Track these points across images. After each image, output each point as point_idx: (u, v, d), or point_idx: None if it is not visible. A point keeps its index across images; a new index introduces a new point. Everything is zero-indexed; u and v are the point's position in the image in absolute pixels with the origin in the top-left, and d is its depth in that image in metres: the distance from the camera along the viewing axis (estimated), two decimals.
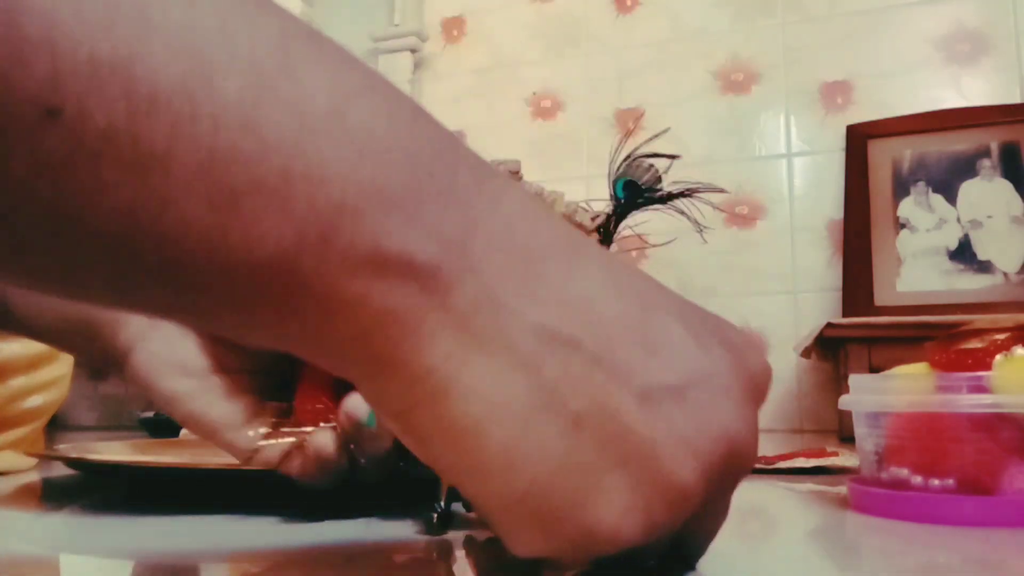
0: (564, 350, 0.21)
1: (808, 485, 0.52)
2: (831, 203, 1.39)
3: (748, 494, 0.50)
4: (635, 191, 1.28)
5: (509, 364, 0.20)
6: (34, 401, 0.63)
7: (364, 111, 0.19)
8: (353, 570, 0.28)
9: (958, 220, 1.28)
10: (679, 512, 0.22)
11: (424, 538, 0.33)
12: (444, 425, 0.20)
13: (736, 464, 0.23)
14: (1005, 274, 1.23)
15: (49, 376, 0.65)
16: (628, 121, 1.51)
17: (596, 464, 0.21)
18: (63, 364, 0.67)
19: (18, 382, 0.62)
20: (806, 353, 1.19)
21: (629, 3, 1.58)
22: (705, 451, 0.22)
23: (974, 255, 1.26)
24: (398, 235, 0.19)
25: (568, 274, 0.22)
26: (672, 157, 1.28)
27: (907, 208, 1.31)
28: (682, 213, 1.29)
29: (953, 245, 1.27)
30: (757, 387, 0.24)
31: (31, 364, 0.63)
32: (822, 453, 0.61)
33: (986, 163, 1.28)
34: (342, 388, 0.36)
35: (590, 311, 0.21)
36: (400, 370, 0.20)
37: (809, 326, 1.24)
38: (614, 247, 1.31)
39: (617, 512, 0.21)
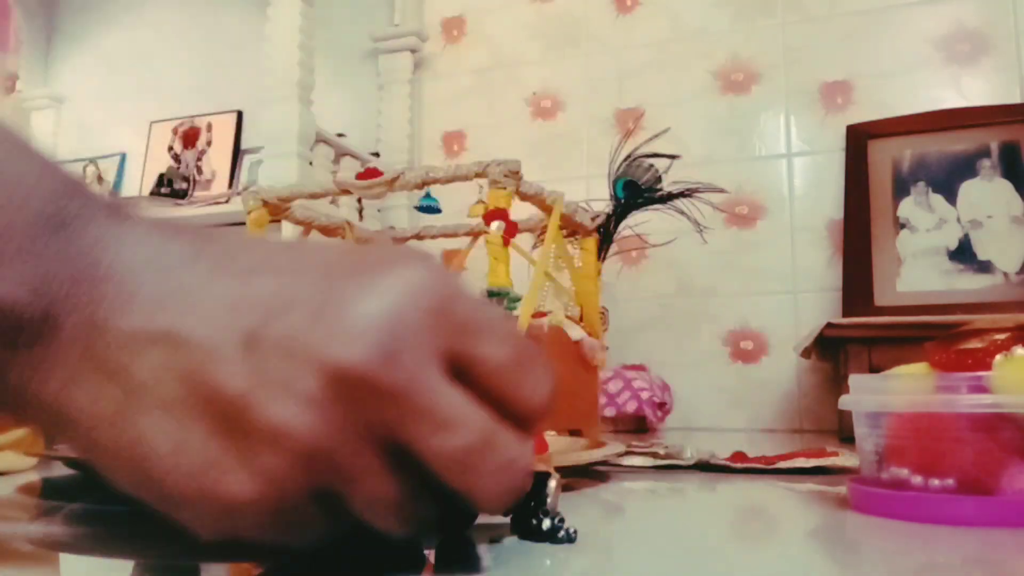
0: (154, 348, 0.23)
1: (808, 485, 0.52)
2: (831, 203, 1.39)
3: (749, 493, 0.50)
4: (635, 191, 1.28)
5: (103, 378, 0.23)
6: None
7: None
8: (355, 569, 0.28)
9: (958, 220, 1.28)
10: (298, 457, 0.22)
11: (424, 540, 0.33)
12: (81, 447, 0.24)
13: (367, 391, 0.22)
14: (1005, 274, 1.23)
15: None
16: (628, 121, 1.51)
17: (194, 436, 0.22)
18: None
19: None
20: (806, 353, 1.19)
21: (629, 3, 1.58)
22: (301, 386, 0.22)
23: (974, 255, 1.26)
24: None
25: (178, 279, 0.24)
26: (672, 157, 1.28)
27: (907, 208, 1.31)
28: (682, 213, 1.29)
29: (953, 245, 1.27)
30: (396, 303, 0.22)
31: None
32: (822, 453, 0.61)
33: (986, 163, 1.28)
34: None
35: (187, 302, 0.23)
36: (35, 406, 0.23)
37: (809, 326, 1.24)
38: (614, 247, 1.31)
39: (227, 473, 0.22)
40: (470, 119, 1.67)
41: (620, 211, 1.29)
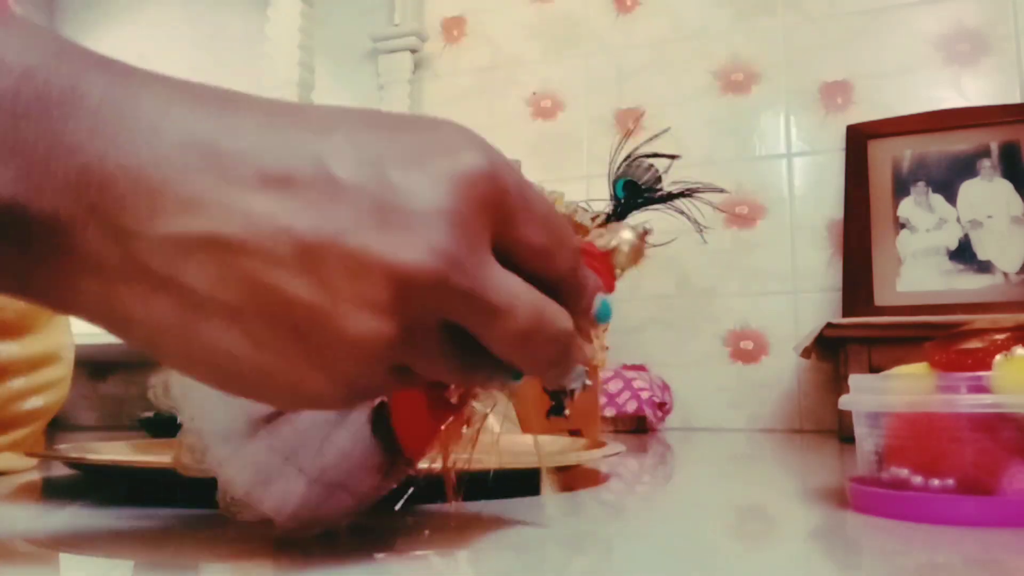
0: (200, 252, 0.21)
1: (808, 485, 0.52)
2: (831, 203, 1.39)
3: (750, 493, 0.50)
4: (635, 191, 1.28)
5: (149, 288, 0.21)
6: (34, 402, 0.63)
7: None
8: (352, 569, 0.28)
9: (958, 220, 1.28)
10: (375, 360, 0.23)
11: (405, 548, 0.33)
12: (143, 349, 0.23)
13: (437, 294, 0.22)
14: (1005, 274, 1.23)
15: (49, 377, 0.64)
16: (628, 121, 1.50)
17: (267, 343, 0.22)
18: (64, 366, 0.67)
19: (18, 383, 0.62)
20: (806, 353, 1.19)
21: (629, 3, 1.58)
22: (373, 296, 0.22)
23: (974, 255, 1.25)
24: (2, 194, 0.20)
25: (205, 172, 0.21)
26: (672, 157, 1.28)
27: (907, 208, 1.31)
28: (682, 213, 1.28)
29: (953, 245, 1.27)
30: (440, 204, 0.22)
31: (31, 365, 0.63)
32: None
33: (986, 163, 1.28)
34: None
35: (223, 203, 0.21)
36: (71, 314, 0.22)
37: (809, 326, 1.24)
38: None
39: (306, 378, 0.23)
40: (470, 119, 1.67)
41: (620, 211, 1.28)
